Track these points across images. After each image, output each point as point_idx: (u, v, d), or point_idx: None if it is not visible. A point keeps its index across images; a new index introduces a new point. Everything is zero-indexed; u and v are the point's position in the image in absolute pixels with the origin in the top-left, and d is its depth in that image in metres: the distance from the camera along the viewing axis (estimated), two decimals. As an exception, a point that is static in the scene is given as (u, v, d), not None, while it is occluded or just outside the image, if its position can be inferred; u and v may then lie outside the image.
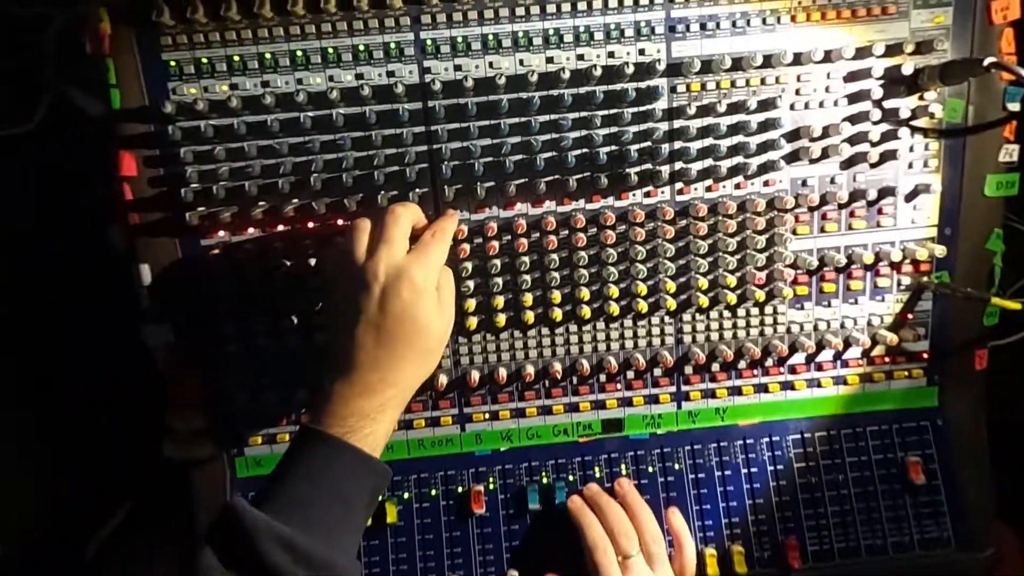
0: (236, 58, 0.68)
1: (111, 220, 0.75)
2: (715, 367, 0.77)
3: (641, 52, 0.69)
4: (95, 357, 0.90)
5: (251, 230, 0.71)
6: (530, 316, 0.73)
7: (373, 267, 0.60)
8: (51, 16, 0.85)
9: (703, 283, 0.73)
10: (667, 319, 0.76)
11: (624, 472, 0.78)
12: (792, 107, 0.71)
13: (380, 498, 0.74)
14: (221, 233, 0.71)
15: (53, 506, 0.92)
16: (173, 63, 0.67)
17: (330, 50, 0.68)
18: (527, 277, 0.73)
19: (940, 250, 0.73)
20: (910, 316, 0.76)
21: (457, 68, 0.69)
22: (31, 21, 0.86)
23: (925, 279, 0.75)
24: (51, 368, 0.91)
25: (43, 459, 0.92)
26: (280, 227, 0.71)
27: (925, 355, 0.78)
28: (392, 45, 0.68)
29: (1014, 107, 0.70)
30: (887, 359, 0.78)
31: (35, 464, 0.91)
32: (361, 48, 0.68)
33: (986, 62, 0.63)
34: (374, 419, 0.59)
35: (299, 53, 0.68)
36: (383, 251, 0.60)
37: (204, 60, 0.67)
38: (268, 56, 0.68)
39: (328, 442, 0.57)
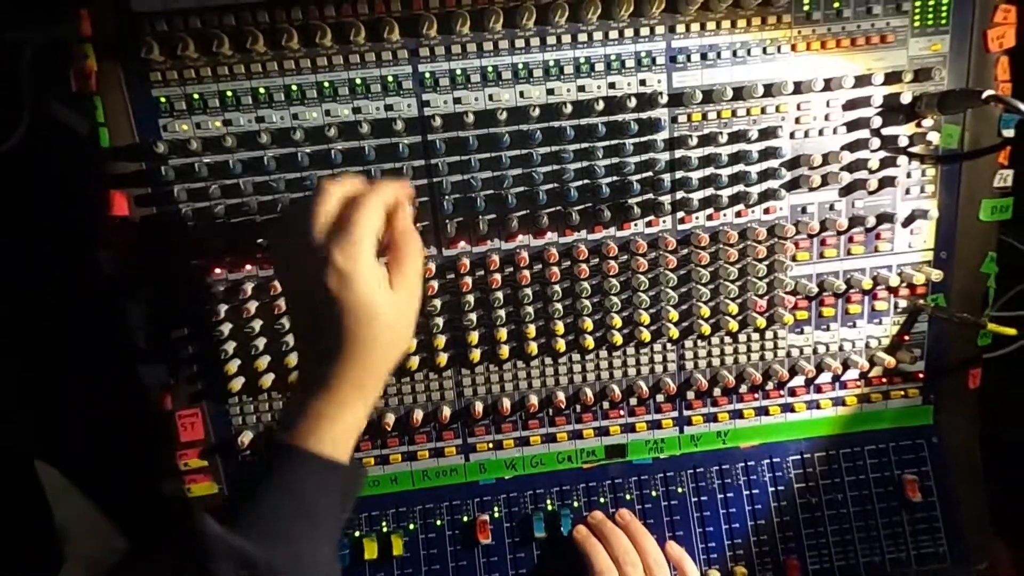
0: (229, 93, 0.66)
1: (98, 248, 0.73)
2: (716, 392, 0.78)
3: (642, 83, 0.69)
4: (92, 369, 0.88)
5: (248, 267, 0.70)
6: (533, 347, 0.73)
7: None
8: (27, 39, 0.83)
9: (705, 311, 0.74)
10: (669, 346, 0.76)
11: (628, 497, 0.79)
12: (792, 136, 0.71)
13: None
14: (218, 271, 0.69)
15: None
16: (163, 99, 0.65)
17: (326, 84, 0.66)
18: (530, 309, 0.72)
19: (936, 274, 0.74)
20: (907, 338, 0.78)
21: (457, 101, 0.68)
22: (6, 43, 0.83)
23: (921, 302, 0.76)
24: (49, 376, 0.89)
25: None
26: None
27: (921, 375, 0.79)
28: (390, 78, 0.67)
29: (1009, 133, 0.71)
30: (884, 380, 0.79)
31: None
32: (358, 82, 0.66)
33: (984, 95, 0.64)
34: (333, 418, 0.53)
35: (294, 88, 0.66)
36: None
37: (196, 96, 0.66)
38: (262, 91, 0.66)
39: (284, 449, 0.52)
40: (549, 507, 0.78)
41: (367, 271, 0.53)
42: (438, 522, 0.77)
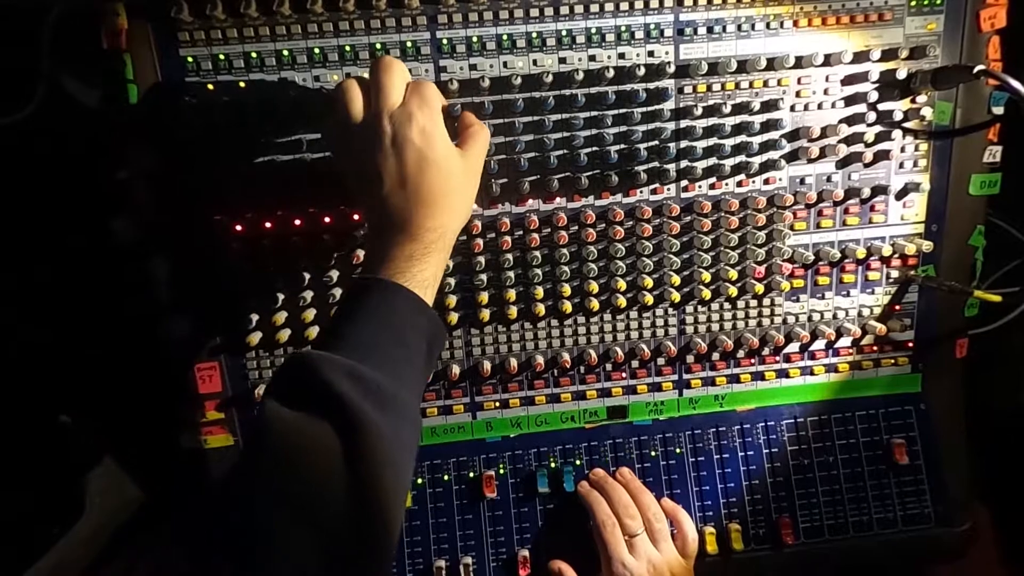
0: (254, 55, 0.68)
1: (119, 213, 0.75)
2: (715, 356, 0.81)
3: (651, 54, 0.71)
4: (98, 349, 0.90)
5: (268, 224, 0.72)
6: (541, 308, 0.76)
7: (377, 120, 0.59)
8: (48, 5, 0.84)
9: (706, 276, 0.77)
10: (671, 311, 0.79)
11: (628, 456, 0.82)
12: (793, 108, 0.74)
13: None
14: (239, 228, 0.72)
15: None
16: (190, 59, 0.68)
17: (347, 48, 0.69)
18: (538, 271, 0.75)
19: (927, 245, 0.77)
20: (897, 307, 0.81)
21: (473, 68, 0.70)
22: (26, 11, 0.85)
23: (912, 273, 0.79)
24: (52, 362, 0.91)
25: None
26: (297, 222, 0.72)
27: (910, 344, 0.82)
28: (408, 44, 0.69)
29: (999, 111, 0.74)
30: (875, 348, 0.82)
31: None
32: (378, 46, 0.69)
33: (975, 70, 0.67)
34: (419, 260, 0.58)
35: (316, 50, 0.69)
36: (381, 101, 0.59)
37: (222, 56, 0.68)
38: (286, 53, 0.68)
39: (373, 284, 0.56)
40: (552, 465, 0.81)
41: (444, 133, 0.60)
42: (445, 477, 0.80)
